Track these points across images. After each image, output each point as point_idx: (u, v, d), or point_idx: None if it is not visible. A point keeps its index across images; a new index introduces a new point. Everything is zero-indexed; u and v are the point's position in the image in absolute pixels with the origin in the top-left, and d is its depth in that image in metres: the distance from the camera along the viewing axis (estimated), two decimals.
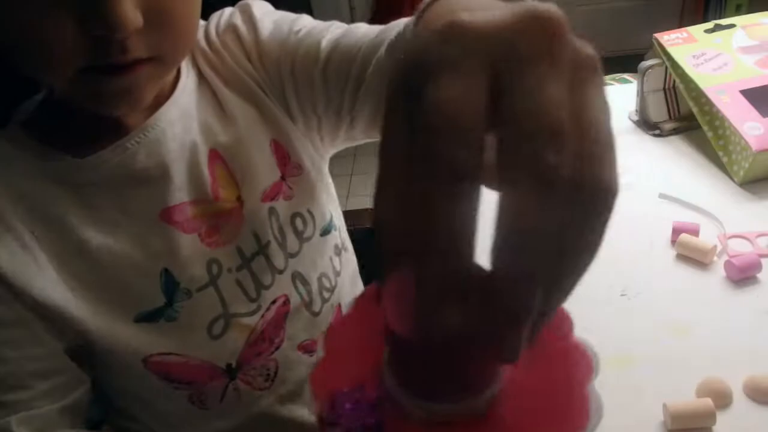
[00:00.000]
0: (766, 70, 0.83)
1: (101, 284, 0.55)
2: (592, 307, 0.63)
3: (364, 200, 2.19)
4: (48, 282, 0.53)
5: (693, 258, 0.67)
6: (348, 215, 1.01)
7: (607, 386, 0.55)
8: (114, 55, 0.46)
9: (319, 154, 0.67)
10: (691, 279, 0.66)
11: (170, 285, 0.57)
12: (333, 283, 0.68)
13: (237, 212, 0.60)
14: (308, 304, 0.65)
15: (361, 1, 2.80)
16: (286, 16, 0.62)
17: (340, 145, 0.68)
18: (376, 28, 0.58)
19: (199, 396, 0.60)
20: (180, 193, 0.57)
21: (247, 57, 0.61)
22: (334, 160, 0.73)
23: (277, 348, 0.63)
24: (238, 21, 0.62)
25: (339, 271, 0.69)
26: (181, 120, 0.57)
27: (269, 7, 0.64)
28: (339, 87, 0.58)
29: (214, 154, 0.59)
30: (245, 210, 0.60)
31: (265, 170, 0.61)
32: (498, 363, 0.24)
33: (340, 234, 0.70)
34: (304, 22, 0.62)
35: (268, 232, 0.61)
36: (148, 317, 0.56)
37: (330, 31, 0.59)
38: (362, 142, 0.66)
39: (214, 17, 0.63)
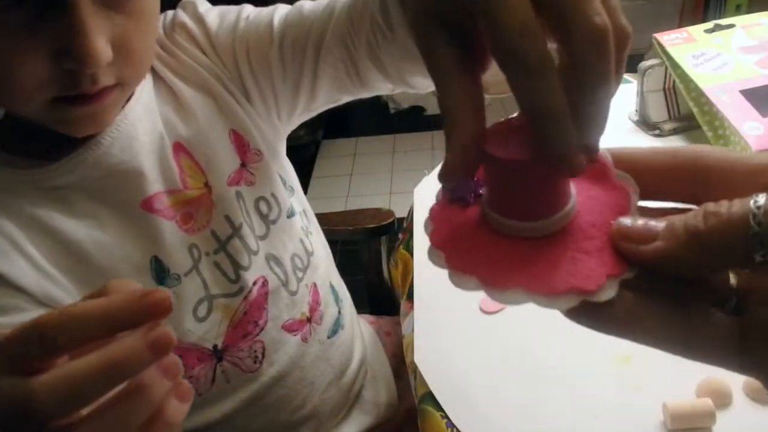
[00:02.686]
0: (766, 70, 0.84)
1: (95, 280, 0.55)
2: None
3: (364, 200, 2.19)
4: (50, 280, 0.54)
5: None
6: (348, 215, 1.02)
7: (607, 386, 0.56)
8: (84, 86, 0.48)
9: (278, 136, 0.70)
10: None
11: (161, 272, 0.59)
12: (305, 263, 0.71)
13: (206, 198, 0.62)
14: (285, 284, 0.68)
15: None
16: (229, 8, 0.67)
17: (296, 121, 0.71)
18: (322, 1, 0.62)
19: (189, 381, 0.61)
20: (155, 184, 0.59)
21: (202, 51, 0.64)
22: (334, 159, 0.74)
23: (262, 329, 0.66)
24: (185, 19, 0.65)
25: (312, 251, 0.72)
26: (146, 115, 0.60)
27: (208, 3, 0.67)
28: (297, 62, 0.62)
29: (178, 146, 0.61)
30: (214, 195, 0.63)
31: (226, 158, 0.64)
32: (565, 181, 0.28)
33: (302, 219, 0.72)
34: (249, 9, 0.66)
35: (239, 214, 0.64)
36: None
37: (278, 12, 0.64)
38: (318, 112, 0.69)
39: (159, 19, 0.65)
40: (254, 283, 0.65)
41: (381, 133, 2.60)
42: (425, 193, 0.86)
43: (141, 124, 0.59)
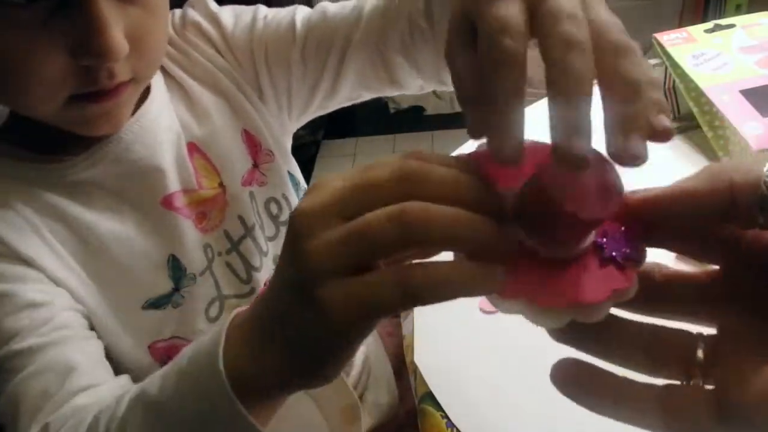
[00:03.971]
0: (766, 70, 0.84)
1: (112, 274, 0.56)
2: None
3: None
4: (67, 267, 0.54)
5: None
6: None
7: None
8: (102, 81, 0.49)
9: (286, 134, 0.70)
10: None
11: (177, 271, 0.59)
12: None
13: (221, 198, 0.62)
14: None
15: None
16: (243, 7, 0.66)
17: (305, 119, 0.71)
18: (347, 4, 0.63)
19: None
20: (174, 182, 0.59)
21: (216, 50, 0.64)
22: (335, 159, 0.75)
23: None
24: (198, 17, 0.64)
25: None
26: (164, 113, 0.60)
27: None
28: (319, 62, 0.62)
29: (192, 146, 0.62)
30: (228, 195, 0.63)
31: (239, 159, 0.64)
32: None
33: None
34: (265, 9, 0.66)
35: (252, 214, 0.64)
36: (156, 304, 0.58)
37: (299, 13, 0.63)
38: (331, 110, 0.69)
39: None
40: (265, 284, 0.64)
41: (381, 133, 2.59)
42: None
43: (160, 122, 0.59)
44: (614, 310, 0.31)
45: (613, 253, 0.29)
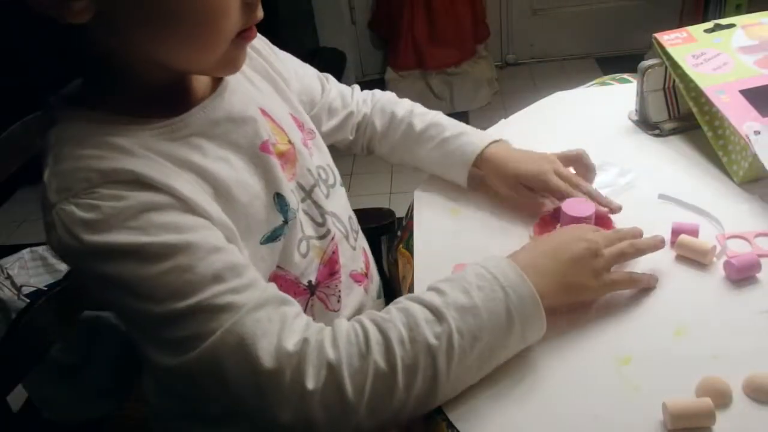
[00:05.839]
0: (765, 70, 0.84)
1: (239, 215, 0.60)
2: (592, 307, 0.63)
3: (364, 200, 2.19)
4: (217, 209, 0.58)
5: (692, 258, 0.67)
6: None
7: (607, 386, 0.56)
8: (258, 14, 0.56)
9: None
10: (691, 279, 0.66)
11: (284, 206, 0.65)
12: (356, 226, 0.80)
13: (292, 152, 0.70)
14: (346, 238, 0.76)
15: (360, 2, 2.80)
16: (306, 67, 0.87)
17: None
18: (369, 100, 0.91)
19: None
20: (264, 132, 0.65)
21: (258, 53, 0.76)
22: (335, 159, 0.79)
23: (339, 272, 0.73)
24: (260, 42, 0.76)
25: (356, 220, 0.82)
26: (239, 78, 0.68)
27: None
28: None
29: (261, 110, 0.68)
30: (296, 150, 0.70)
31: (293, 128, 0.72)
32: None
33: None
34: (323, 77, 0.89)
35: (314, 170, 0.72)
36: (271, 237, 0.64)
37: (332, 84, 0.89)
38: None
39: None
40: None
41: None
42: (426, 193, 0.87)
43: (245, 84, 0.68)
44: None
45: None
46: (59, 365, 0.99)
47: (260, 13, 0.57)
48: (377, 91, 0.93)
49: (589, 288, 0.62)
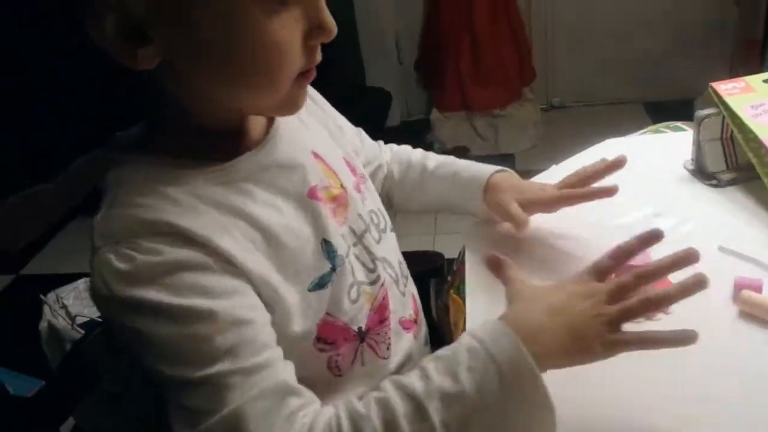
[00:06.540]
0: None
1: (287, 262, 0.61)
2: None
3: (409, 240, 2.18)
4: (259, 261, 0.58)
5: (757, 315, 0.65)
6: None
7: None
8: (317, 57, 0.58)
9: None
10: (757, 337, 0.64)
11: (331, 253, 0.65)
12: (406, 272, 0.79)
13: (344, 196, 0.70)
14: (396, 283, 0.75)
15: (407, 43, 2.85)
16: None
17: None
18: (402, 157, 0.94)
19: (335, 359, 0.66)
20: (313, 178, 0.66)
21: (324, 105, 0.80)
22: None
23: (389, 319, 0.72)
24: (313, 90, 0.78)
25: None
26: (292, 119, 0.68)
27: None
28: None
29: (313, 153, 0.69)
30: (348, 195, 0.71)
31: (346, 172, 0.73)
32: None
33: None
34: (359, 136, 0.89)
35: (366, 215, 0.72)
36: (319, 284, 0.64)
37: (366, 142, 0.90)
38: None
39: None
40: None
41: None
42: (475, 236, 0.86)
43: (294, 129, 0.68)
44: None
45: None
46: (108, 395, 1.00)
47: (320, 55, 0.58)
48: (393, 145, 0.97)
49: (595, 354, 0.54)
